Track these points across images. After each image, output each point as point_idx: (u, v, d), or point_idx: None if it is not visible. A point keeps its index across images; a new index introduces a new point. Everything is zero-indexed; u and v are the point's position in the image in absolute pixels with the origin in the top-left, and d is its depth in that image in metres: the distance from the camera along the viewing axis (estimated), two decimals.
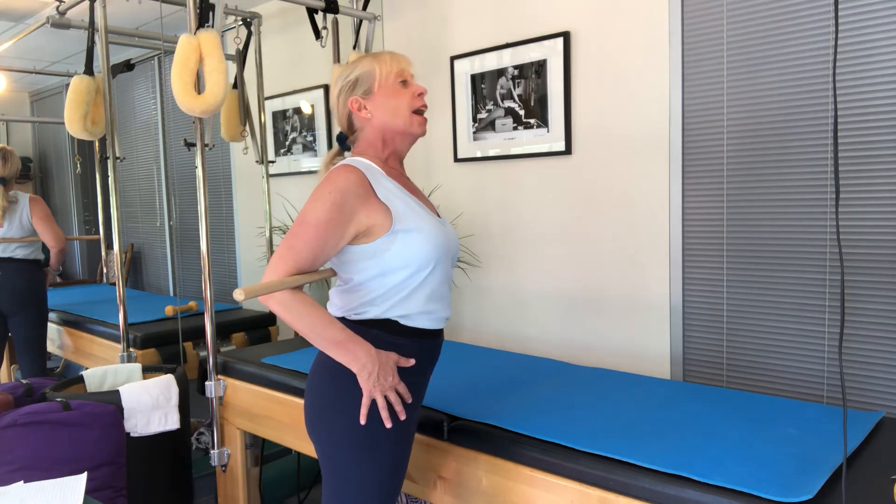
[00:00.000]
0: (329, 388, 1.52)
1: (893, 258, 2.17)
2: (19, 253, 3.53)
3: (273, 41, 4.15)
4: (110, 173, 3.08)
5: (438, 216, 1.63)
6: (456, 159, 3.35)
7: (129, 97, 5.69)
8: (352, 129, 1.62)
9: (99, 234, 6.32)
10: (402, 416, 1.50)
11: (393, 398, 1.48)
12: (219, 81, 2.28)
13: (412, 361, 1.52)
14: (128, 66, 3.88)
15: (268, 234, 3.75)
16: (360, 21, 3.07)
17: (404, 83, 1.57)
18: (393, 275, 1.50)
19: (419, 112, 1.58)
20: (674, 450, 1.58)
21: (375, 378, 1.44)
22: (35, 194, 3.66)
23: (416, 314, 1.54)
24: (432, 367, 1.66)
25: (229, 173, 4.80)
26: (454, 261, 1.66)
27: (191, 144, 2.56)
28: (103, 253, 5.07)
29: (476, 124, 3.25)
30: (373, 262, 1.49)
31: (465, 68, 3.26)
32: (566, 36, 2.87)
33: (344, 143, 1.64)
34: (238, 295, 1.34)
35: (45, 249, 3.69)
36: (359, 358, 1.44)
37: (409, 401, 1.54)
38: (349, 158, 1.56)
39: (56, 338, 3.91)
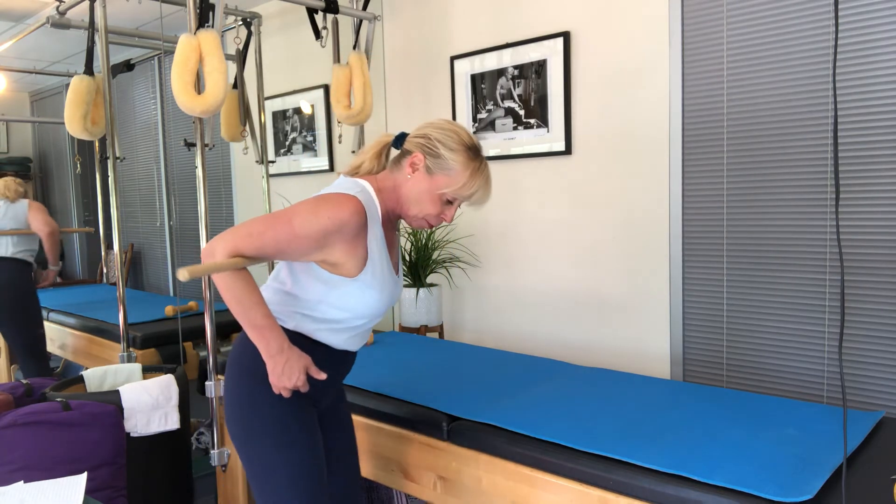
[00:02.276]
0: (240, 386, 1.53)
1: (893, 258, 2.17)
2: (10, 251, 3.57)
3: (273, 41, 4.15)
4: (110, 173, 3.08)
5: (397, 273, 1.62)
6: None
7: (129, 97, 5.69)
8: (399, 160, 1.55)
9: (92, 228, 6.34)
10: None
11: (287, 394, 1.48)
12: (219, 81, 2.28)
13: (324, 375, 1.49)
14: (128, 66, 3.88)
15: None
16: (360, 21, 3.07)
17: (449, 203, 1.53)
18: (332, 310, 1.51)
19: (429, 223, 1.56)
20: (674, 450, 1.58)
21: (280, 372, 1.44)
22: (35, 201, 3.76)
23: (333, 342, 1.57)
24: (343, 375, 1.69)
25: (229, 173, 4.80)
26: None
27: (191, 144, 2.56)
28: (103, 253, 5.06)
29: (476, 124, 3.25)
30: (321, 287, 1.49)
31: (465, 68, 3.26)
32: (566, 36, 2.87)
33: (400, 144, 1.56)
34: (181, 275, 1.33)
35: (40, 252, 3.71)
36: (270, 347, 1.43)
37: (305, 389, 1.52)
38: (367, 183, 1.52)
39: (56, 338, 3.90)
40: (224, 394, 1.57)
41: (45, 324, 3.96)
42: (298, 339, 1.51)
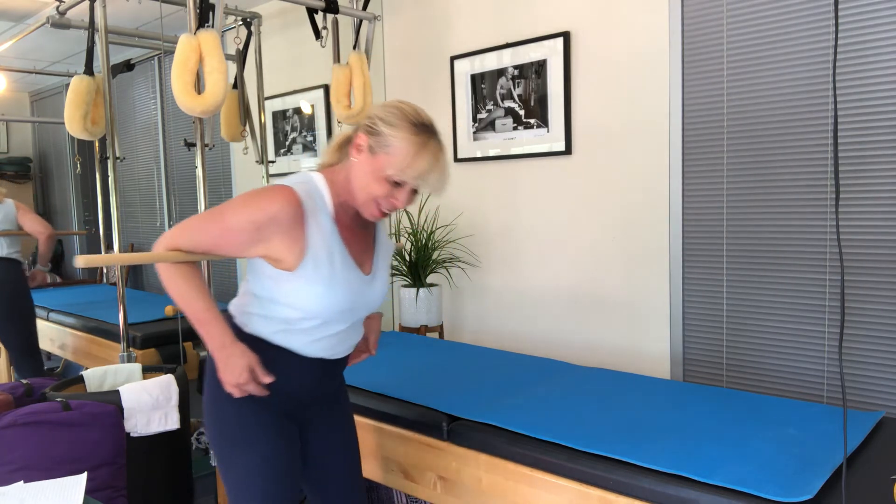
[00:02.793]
0: (208, 386, 1.54)
1: (893, 258, 2.17)
2: (4, 252, 3.58)
3: (273, 41, 4.15)
4: (110, 173, 3.08)
5: (367, 273, 1.52)
6: (456, 159, 3.35)
7: (129, 97, 5.69)
8: (348, 146, 1.48)
9: (89, 230, 6.33)
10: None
11: (238, 394, 1.42)
12: (219, 81, 2.28)
13: (268, 378, 1.42)
14: (128, 66, 3.88)
15: None
16: (360, 21, 3.07)
17: (398, 185, 1.40)
18: (282, 308, 1.45)
19: (380, 209, 1.44)
20: (674, 450, 1.58)
21: (223, 368, 1.41)
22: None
23: (296, 348, 1.49)
24: (324, 385, 1.59)
25: (229, 173, 4.80)
26: (368, 312, 1.58)
27: (191, 144, 2.56)
28: (103, 253, 5.06)
29: (476, 124, 3.25)
30: (270, 284, 1.44)
31: (465, 68, 3.26)
32: (566, 36, 2.87)
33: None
34: (77, 262, 1.34)
35: (33, 254, 3.72)
36: (213, 340, 1.41)
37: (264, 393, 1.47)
38: (316, 175, 1.47)
39: (56, 338, 3.90)
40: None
41: (46, 324, 3.96)
42: (260, 345, 1.47)
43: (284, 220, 1.36)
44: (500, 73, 3.12)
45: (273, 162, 4.29)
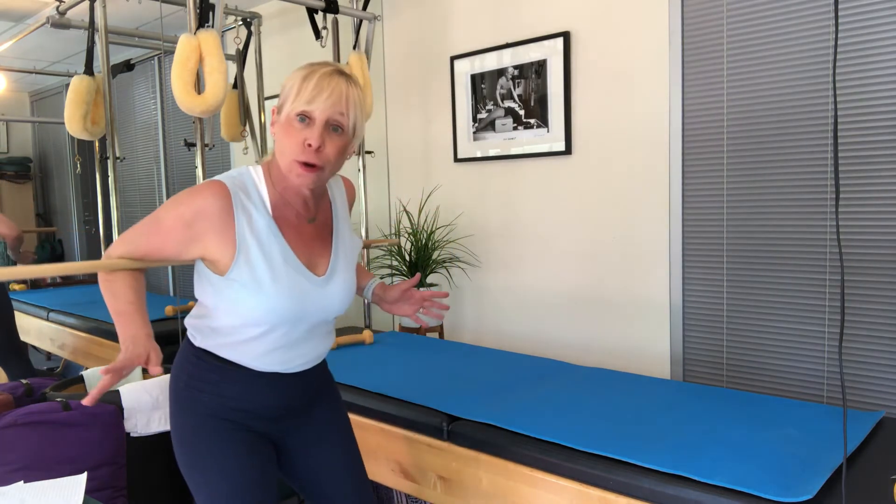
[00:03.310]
0: (172, 413, 1.44)
1: (893, 258, 2.17)
2: None
3: (273, 41, 4.15)
4: (110, 173, 3.08)
5: (320, 275, 1.39)
6: (456, 159, 3.35)
7: (129, 97, 5.69)
8: None
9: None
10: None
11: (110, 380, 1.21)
12: (219, 81, 2.28)
13: (159, 370, 1.27)
14: (128, 66, 3.88)
15: None
16: (360, 21, 3.07)
17: (304, 120, 1.28)
18: (224, 315, 1.35)
19: (306, 164, 1.29)
20: (674, 450, 1.58)
21: (122, 355, 1.26)
22: None
23: (245, 361, 1.38)
24: (287, 399, 1.45)
25: None
26: (327, 320, 1.45)
27: (191, 144, 2.56)
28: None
29: (476, 124, 3.25)
30: (211, 289, 1.35)
31: (465, 68, 3.26)
32: (566, 36, 2.87)
33: None
34: None
35: (4, 254, 3.69)
36: (122, 335, 1.29)
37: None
38: (253, 167, 1.38)
39: (56, 338, 3.90)
40: None
41: (46, 324, 3.96)
42: (208, 359, 1.38)
43: (212, 214, 1.28)
44: (500, 73, 3.12)
45: None
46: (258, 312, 1.32)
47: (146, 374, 2.63)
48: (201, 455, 1.39)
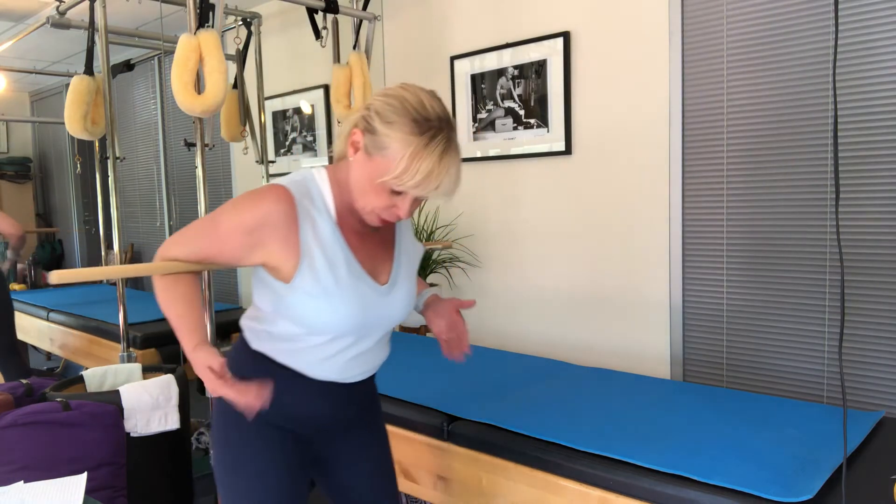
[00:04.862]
0: (216, 412, 1.42)
1: (893, 258, 2.17)
2: None
3: (273, 41, 4.15)
4: (110, 173, 3.08)
5: (383, 283, 1.35)
6: None
7: (129, 97, 5.70)
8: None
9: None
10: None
11: (224, 393, 1.24)
12: (219, 81, 2.28)
13: (230, 381, 1.23)
14: (128, 66, 3.88)
15: None
16: (360, 21, 3.07)
17: (398, 193, 1.20)
18: (286, 323, 1.31)
19: (382, 219, 1.27)
20: (674, 450, 1.58)
21: (196, 370, 1.28)
22: None
23: (302, 368, 1.34)
24: (341, 410, 1.42)
25: (229, 173, 4.80)
26: (387, 329, 1.41)
27: (191, 144, 2.56)
28: (103, 253, 5.06)
29: (476, 124, 3.25)
30: (272, 295, 1.30)
31: (465, 68, 3.26)
32: (566, 36, 2.87)
33: None
34: (50, 278, 1.27)
35: (4, 253, 3.68)
36: (185, 344, 1.29)
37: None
38: (318, 172, 1.31)
39: (56, 338, 3.90)
40: None
41: (46, 324, 3.96)
42: (263, 363, 1.35)
43: (277, 220, 1.22)
44: (500, 73, 3.12)
45: (273, 162, 4.29)
46: (321, 321, 1.28)
47: (147, 374, 2.63)
48: (243, 462, 1.36)
